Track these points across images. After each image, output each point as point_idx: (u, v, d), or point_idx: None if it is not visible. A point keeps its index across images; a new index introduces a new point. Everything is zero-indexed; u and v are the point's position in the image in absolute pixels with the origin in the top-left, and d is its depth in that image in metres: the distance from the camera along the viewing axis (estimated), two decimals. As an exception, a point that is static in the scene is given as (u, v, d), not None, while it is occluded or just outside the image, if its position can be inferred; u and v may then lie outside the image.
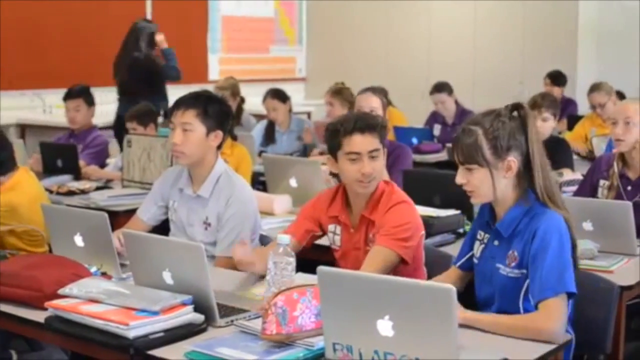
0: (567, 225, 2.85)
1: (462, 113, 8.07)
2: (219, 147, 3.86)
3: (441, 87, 8.22)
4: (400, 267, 3.32)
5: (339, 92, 6.84)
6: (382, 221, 3.36)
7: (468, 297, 3.02)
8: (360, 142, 3.35)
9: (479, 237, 3.08)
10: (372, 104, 5.04)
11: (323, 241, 3.73)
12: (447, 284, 2.30)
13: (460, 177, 2.92)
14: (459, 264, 3.17)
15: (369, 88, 5.26)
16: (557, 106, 5.57)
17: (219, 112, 3.82)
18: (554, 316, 2.71)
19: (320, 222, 3.59)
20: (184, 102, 3.79)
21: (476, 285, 3.08)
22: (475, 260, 3.08)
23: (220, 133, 3.81)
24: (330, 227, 3.57)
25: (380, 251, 3.28)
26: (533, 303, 2.78)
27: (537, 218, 2.84)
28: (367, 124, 3.37)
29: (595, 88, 7.65)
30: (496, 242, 2.97)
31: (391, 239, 3.30)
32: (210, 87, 7.24)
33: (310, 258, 3.60)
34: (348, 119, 3.44)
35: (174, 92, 3.93)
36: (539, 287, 2.76)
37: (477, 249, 3.07)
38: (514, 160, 2.87)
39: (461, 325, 2.60)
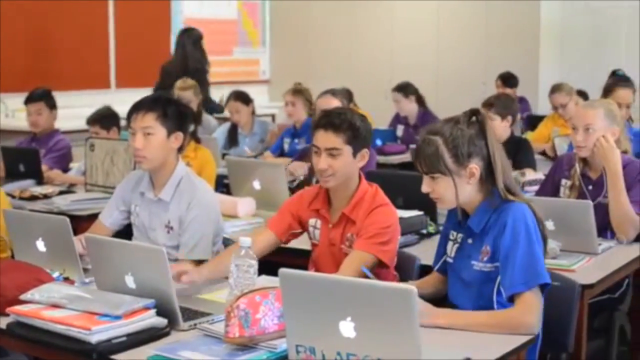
0: (533, 210, 2.92)
1: (423, 115, 8.11)
2: (180, 149, 3.85)
3: (399, 88, 8.25)
4: (379, 270, 3.34)
5: (300, 92, 6.84)
6: (363, 224, 3.38)
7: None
8: (321, 137, 3.42)
9: (451, 237, 3.12)
10: (332, 105, 5.04)
11: (292, 244, 3.75)
12: (410, 285, 2.31)
13: (426, 186, 2.96)
14: (436, 267, 3.21)
15: (329, 90, 5.27)
16: (509, 107, 5.58)
17: (178, 113, 3.81)
18: (530, 309, 2.78)
19: (300, 218, 3.60)
20: (142, 106, 3.75)
21: (449, 284, 3.12)
22: (450, 260, 3.11)
23: (180, 135, 3.80)
24: (311, 222, 3.58)
25: (358, 255, 3.31)
26: (505, 296, 2.83)
27: (505, 212, 2.90)
28: (330, 121, 3.41)
29: (556, 89, 7.72)
30: (470, 240, 3.01)
31: (370, 243, 3.33)
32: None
33: (276, 261, 3.62)
34: (321, 114, 3.53)
35: (135, 96, 3.90)
36: (510, 281, 2.82)
37: (451, 249, 3.11)
38: (475, 166, 2.91)
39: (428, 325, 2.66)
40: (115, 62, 10.08)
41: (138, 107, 3.76)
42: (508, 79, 9.33)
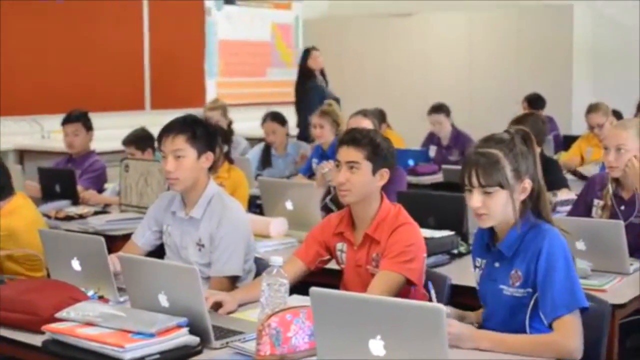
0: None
1: (457, 135, 8.12)
2: (213, 169, 3.90)
3: (439, 108, 8.26)
4: (407, 289, 3.37)
5: (328, 113, 6.86)
6: (387, 243, 3.41)
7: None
8: (342, 152, 3.50)
9: (477, 264, 3.11)
10: (362, 125, 5.06)
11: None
12: (439, 304, 2.33)
13: (476, 201, 2.90)
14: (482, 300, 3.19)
15: (360, 111, 5.30)
16: (535, 126, 5.55)
17: (207, 134, 3.86)
18: (572, 333, 2.78)
19: (327, 244, 3.64)
20: (172, 129, 3.80)
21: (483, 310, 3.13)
22: (477, 287, 3.11)
23: (210, 155, 3.85)
24: (338, 246, 3.61)
25: (385, 275, 3.34)
26: (547, 322, 2.82)
27: (540, 236, 2.88)
28: (352, 137, 3.50)
29: (593, 109, 7.67)
30: (497, 264, 2.99)
31: (395, 262, 3.35)
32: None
33: (307, 280, 3.64)
34: (345, 132, 3.66)
35: (170, 117, 3.94)
36: (551, 306, 2.81)
37: (477, 275, 3.11)
38: (528, 181, 2.92)
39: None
40: (150, 84, 10.18)
41: (168, 130, 3.81)
42: (535, 101, 9.25)
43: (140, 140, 6.34)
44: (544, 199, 2.96)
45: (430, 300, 2.94)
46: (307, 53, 9.48)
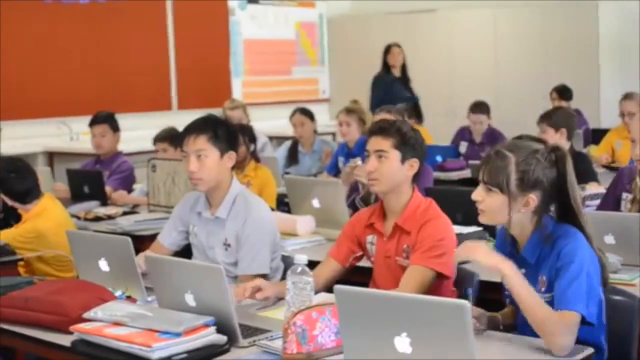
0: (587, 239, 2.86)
1: (491, 133, 8.06)
2: (240, 168, 3.91)
3: (481, 108, 8.18)
4: (439, 283, 3.38)
5: (354, 111, 6.86)
6: (418, 237, 3.41)
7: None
8: (370, 142, 3.54)
9: None
10: None
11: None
12: (463, 300, 2.32)
13: (477, 194, 2.93)
14: (508, 301, 3.14)
15: (384, 107, 5.27)
16: (564, 119, 5.54)
17: (229, 133, 3.87)
18: (569, 329, 2.69)
19: (359, 240, 3.64)
20: (193, 129, 3.81)
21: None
22: (507, 293, 3.08)
23: (233, 154, 3.86)
24: (368, 239, 3.62)
25: (415, 270, 3.34)
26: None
27: (561, 239, 2.83)
28: (380, 127, 3.55)
29: (628, 97, 7.62)
30: (523, 270, 2.93)
31: (426, 256, 3.35)
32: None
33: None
34: (373, 123, 3.71)
35: (195, 117, 3.95)
36: (559, 298, 2.75)
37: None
38: (533, 198, 2.86)
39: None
40: (176, 84, 10.21)
41: (189, 130, 3.81)
42: (564, 92, 9.23)
43: (174, 137, 6.34)
44: (578, 217, 2.88)
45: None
46: (387, 49, 9.55)
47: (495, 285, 3.38)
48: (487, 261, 2.76)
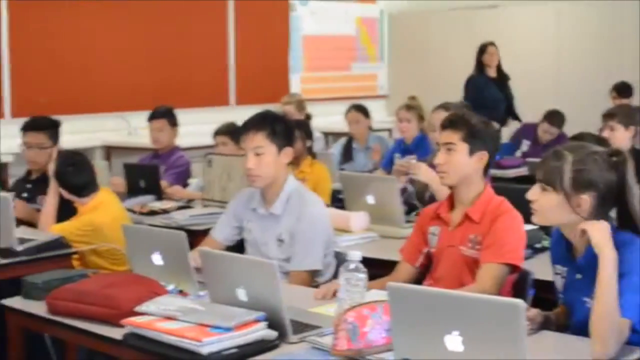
0: None
1: (559, 137, 7.92)
2: (292, 163, 3.91)
3: (559, 120, 8.05)
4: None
5: (414, 108, 6.81)
6: (491, 231, 3.40)
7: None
8: (442, 135, 3.58)
9: (557, 271, 3.03)
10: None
11: (397, 257, 3.76)
12: (517, 299, 2.27)
13: (532, 194, 2.89)
14: (560, 302, 3.08)
15: (442, 104, 5.23)
16: (632, 116, 5.44)
17: (285, 129, 3.87)
18: (622, 336, 2.62)
19: (424, 235, 3.65)
20: (251, 126, 3.81)
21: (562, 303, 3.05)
22: (561, 296, 3.03)
23: (290, 150, 3.85)
24: (431, 229, 3.62)
25: (490, 267, 3.34)
26: None
27: (621, 247, 2.72)
28: (450, 119, 3.58)
29: None
30: (579, 276, 2.90)
31: (500, 252, 3.35)
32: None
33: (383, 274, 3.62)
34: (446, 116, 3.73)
35: (253, 112, 3.95)
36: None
37: (560, 284, 3.02)
38: (586, 199, 2.79)
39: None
40: (235, 80, 10.25)
41: (247, 128, 3.82)
42: (623, 90, 9.05)
43: (234, 131, 6.35)
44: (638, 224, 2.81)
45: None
46: (483, 48, 9.40)
47: (550, 284, 3.35)
48: (599, 239, 2.68)
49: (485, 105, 8.61)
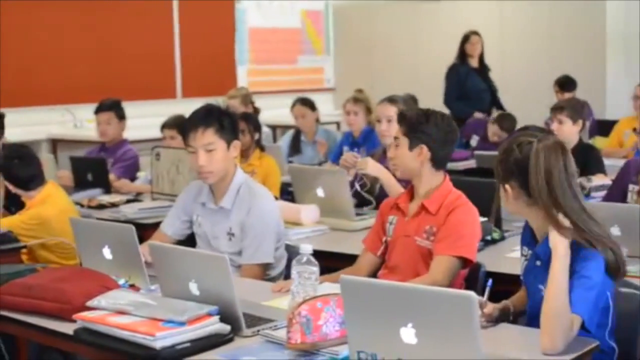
0: (608, 263, 2.78)
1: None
2: (245, 157, 3.90)
3: (505, 124, 7.84)
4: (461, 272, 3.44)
5: (361, 100, 6.82)
6: (445, 223, 3.44)
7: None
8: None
9: (523, 252, 3.08)
10: (388, 112, 5.03)
11: (354, 251, 3.77)
12: (469, 291, 2.30)
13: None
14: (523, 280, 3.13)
15: (387, 98, 5.24)
16: (580, 111, 5.51)
17: (232, 122, 3.85)
18: (572, 332, 2.65)
19: (385, 223, 3.68)
20: (199, 123, 3.76)
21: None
22: (521, 277, 3.08)
23: (238, 143, 3.85)
24: (389, 219, 3.66)
25: (442, 259, 3.38)
26: None
27: (579, 257, 2.75)
28: (398, 115, 3.73)
29: None
30: (538, 263, 2.93)
31: (453, 245, 3.39)
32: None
33: (336, 267, 3.64)
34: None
35: (200, 105, 3.92)
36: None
37: (522, 265, 3.07)
38: (509, 186, 2.87)
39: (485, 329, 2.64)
40: (181, 72, 10.20)
41: (194, 124, 3.77)
42: (565, 84, 9.10)
43: (182, 124, 6.29)
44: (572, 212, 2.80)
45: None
46: (466, 37, 9.26)
47: (501, 276, 3.40)
48: (555, 237, 2.72)
49: (469, 96, 8.62)
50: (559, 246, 2.71)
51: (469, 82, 9.04)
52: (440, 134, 3.57)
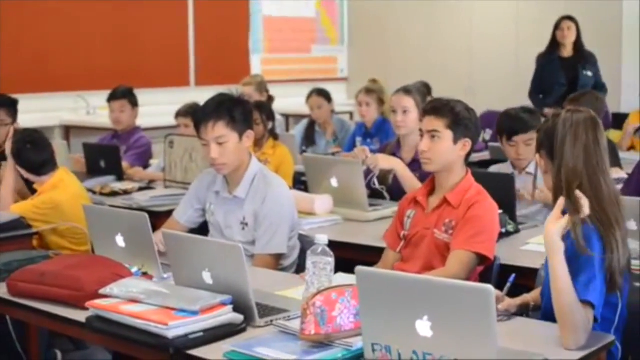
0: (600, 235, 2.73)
1: None
2: (258, 145, 3.87)
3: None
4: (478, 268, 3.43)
5: (374, 91, 6.78)
6: (465, 217, 3.43)
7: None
8: (425, 121, 3.57)
9: None
10: (403, 103, 4.98)
11: (367, 242, 3.74)
12: (487, 284, 2.27)
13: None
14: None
15: (402, 88, 5.19)
16: (595, 104, 5.45)
17: (244, 112, 3.81)
18: (590, 325, 2.63)
19: (403, 217, 3.67)
20: (210, 116, 3.73)
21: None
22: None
23: (251, 133, 3.82)
24: (407, 213, 3.64)
25: (459, 254, 3.37)
26: None
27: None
28: (434, 106, 3.57)
29: None
30: None
31: (471, 241, 3.38)
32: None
33: (353, 258, 3.61)
34: (428, 102, 3.85)
35: (214, 93, 3.90)
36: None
37: None
38: (539, 157, 2.88)
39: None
40: (195, 61, 10.17)
41: (205, 118, 3.74)
42: None
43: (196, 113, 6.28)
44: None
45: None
46: (557, 24, 8.44)
47: (516, 269, 3.37)
48: (550, 226, 2.68)
49: (548, 89, 8.21)
50: (553, 239, 2.65)
51: (549, 72, 8.29)
52: (478, 127, 3.62)
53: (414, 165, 4.62)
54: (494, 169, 4.90)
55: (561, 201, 2.71)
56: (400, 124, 4.95)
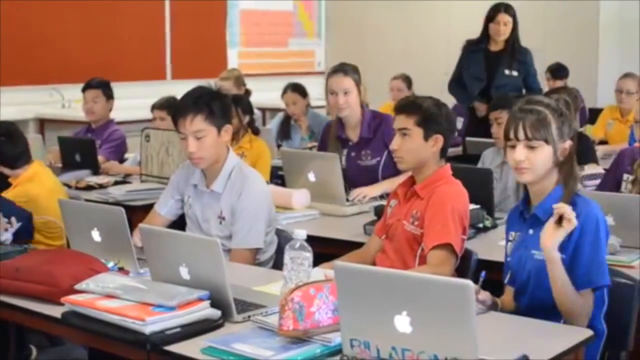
0: None
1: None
2: (234, 139, 3.86)
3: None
4: None
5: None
6: (428, 205, 3.45)
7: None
8: (396, 120, 3.60)
9: (510, 238, 3.10)
10: (344, 85, 4.99)
11: (345, 236, 3.73)
12: (466, 279, 2.26)
13: (520, 154, 2.90)
14: (506, 281, 3.14)
15: (339, 69, 5.14)
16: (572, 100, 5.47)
17: (223, 106, 3.79)
18: (590, 308, 2.85)
19: (388, 207, 3.72)
20: (188, 109, 3.70)
21: (509, 281, 3.11)
22: (508, 259, 3.09)
23: (229, 127, 3.80)
24: (391, 202, 3.70)
25: (433, 255, 3.39)
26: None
27: (578, 206, 2.85)
28: (401, 105, 3.62)
29: (629, 75, 7.52)
30: (531, 231, 2.97)
31: (435, 235, 3.40)
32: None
33: (331, 253, 3.61)
34: (399, 100, 3.79)
35: (190, 87, 3.87)
36: (581, 276, 2.84)
37: (509, 249, 3.09)
38: (570, 143, 2.93)
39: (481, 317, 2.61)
40: (171, 54, 10.13)
41: (184, 111, 3.71)
42: (557, 71, 9.05)
43: (172, 106, 6.24)
44: (573, 169, 2.96)
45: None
46: (493, 15, 7.64)
47: (493, 263, 3.37)
48: (546, 242, 2.80)
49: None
50: (551, 254, 2.80)
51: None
52: (450, 122, 3.61)
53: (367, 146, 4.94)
54: (487, 152, 4.97)
55: (552, 220, 2.80)
56: (344, 105, 4.96)
